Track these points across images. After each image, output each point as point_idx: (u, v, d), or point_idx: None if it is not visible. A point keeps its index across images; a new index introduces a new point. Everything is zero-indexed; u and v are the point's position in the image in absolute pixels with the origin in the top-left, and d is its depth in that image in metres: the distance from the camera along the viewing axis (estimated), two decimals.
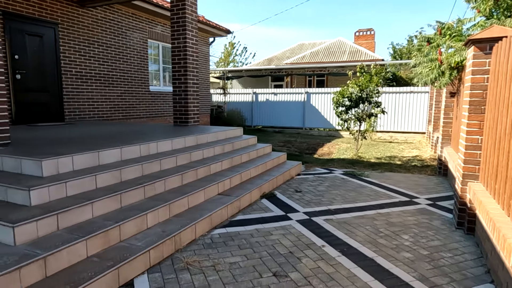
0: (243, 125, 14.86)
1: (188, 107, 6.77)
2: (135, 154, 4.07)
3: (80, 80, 7.90)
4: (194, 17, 6.69)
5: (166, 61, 10.80)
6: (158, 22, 10.15)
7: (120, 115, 9.06)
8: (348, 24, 68.30)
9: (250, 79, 22.03)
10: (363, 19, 67.26)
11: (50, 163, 3.10)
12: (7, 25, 6.37)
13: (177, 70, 6.74)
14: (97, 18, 8.19)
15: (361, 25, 66.16)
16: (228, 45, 33.43)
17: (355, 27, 63.24)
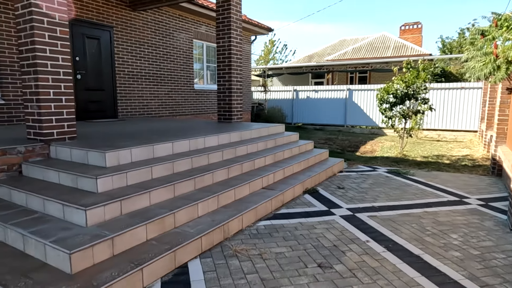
0: (283, 122, 14.92)
1: (232, 104, 6.99)
2: (185, 148, 4.32)
3: (132, 79, 8.42)
4: (238, 16, 6.88)
5: (209, 60, 11.16)
6: (203, 23, 10.51)
7: (167, 112, 9.53)
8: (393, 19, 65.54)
9: (290, 76, 22.00)
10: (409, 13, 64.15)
11: (112, 155, 3.41)
12: (70, 30, 6.96)
13: (221, 69, 6.97)
14: (147, 21, 8.68)
15: (407, 19, 63.16)
16: (268, 43, 33.52)
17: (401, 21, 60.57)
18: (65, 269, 2.24)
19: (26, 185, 3.24)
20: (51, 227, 2.59)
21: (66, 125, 3.99)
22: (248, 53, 12.85)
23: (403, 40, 23.80)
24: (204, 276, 2.51)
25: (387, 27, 67.72)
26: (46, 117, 3.79)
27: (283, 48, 35.98)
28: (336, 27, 70.11)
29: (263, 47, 34.48)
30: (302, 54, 30.79)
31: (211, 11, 9.72)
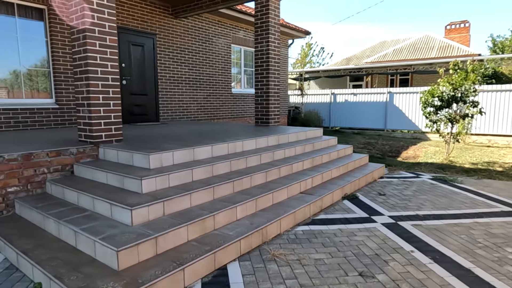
0: (320, 126, 14.70)
1: (269, 108, 7.00)
2: (224, 151, 4.39)
3: (173, 84, 8.72)
4: (277, 21, 6.90)
5: (247, 64, 11.28)
6: (241, 28, 10.66)
7: (206, 115, 9.75)
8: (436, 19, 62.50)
9: (327, 79, 21.68)
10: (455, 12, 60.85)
11: (156, 157, 3.54)
12: (117, 38, 7.35)
13: (259, 73, 7.02)
14: (188, 27, 8.96)
15: (452, 19, 59.96)
16: (305, 46, 33.29)
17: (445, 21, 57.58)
18: (112, 266, 2.35)
19: (77, 184, 3.45)
20: (100, 224, 2.74)
21: (113, 128, 4.21)
22: (285, 57, 12.84)
23: (448, 40, 22.61)
24: (243, 279, 2.52)
25: (430, 28, 64.70)
26: (96, 121, 4.02)
27: (320, 51, 35.39)
28: (375, 28, 68.17)
29: (300, 50, 34.35)
30: (339, 57, 30.24)
31: (250, 16, 9.84)
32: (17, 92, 6.15)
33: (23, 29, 6.13)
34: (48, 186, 3.62)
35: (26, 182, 3.51)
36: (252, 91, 11.34)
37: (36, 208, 3.16)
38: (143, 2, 7.85)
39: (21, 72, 6.18)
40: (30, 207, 3.20)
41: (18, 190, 3.45)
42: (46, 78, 6.49)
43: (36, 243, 2.76)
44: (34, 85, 6.38)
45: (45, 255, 2.55)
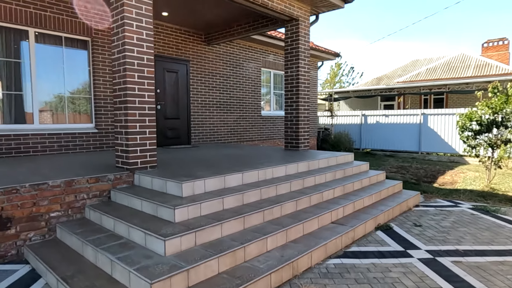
0: (350, 148, 14.46)
1: (299, 132, 7.00)
2: (254, 179, 4.41)
3: (204, 108, 8.97)
4: (306, 46, 6.99)
5: (276, 87, 11.42)
6: (271, 52, 10.87)
7: (236, 138, 9.89)
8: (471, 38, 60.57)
9: (357, 100, 21.42)
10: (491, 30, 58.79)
11: (188, 185, 3.62)
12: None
13: (289, 97, 7.08)
14: (219, 53, 9.26)
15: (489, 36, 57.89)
16: (334, 65, 33.26)
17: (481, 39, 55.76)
18: None
19: (114, 211, 3.59)
20: (135, 254, 2.81)
21: (148, 155, 4.37)
22: (314, 79, 12.88)
23: (486, 58, 21.78)
24: None
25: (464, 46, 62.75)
26: (132, 148, 4.20)
27: (350, 70, 35.22)
28: (405, 45, 67.02)
29: (329, 70, 34.29)
30: (369, 76, 29.87)
31: (279, 40, 10.03)
32: (60, 117, 6.56)
33: (68, 58, 6.60)
34: (87, 212, 3.79)
35: (67, 207, 3.69)
36: (281, 113, 11.42)
37: (75, 234, 3.30)
38: (178, 31, 8.24)
39: (65, 97, 6.61)
40: (70, 233, 3.35)
41: (60, 215, 3.64)
42: (87, 103, 6.90)
43: (76, 270, 2.88)
44: (77, 109, 6.79)
45: (83, 283, 2.64)
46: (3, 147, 5.67)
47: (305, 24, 6.92)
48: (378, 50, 67.74)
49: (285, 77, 7.15)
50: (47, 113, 6.43)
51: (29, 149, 5.96)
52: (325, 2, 6.66)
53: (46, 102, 6.40)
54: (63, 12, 6.30)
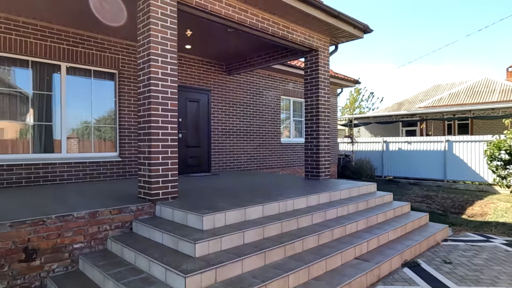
0: (372, 175, 14.15)
1: (319, 160, 6.94)
2: (275, 211, 4.36)
3: (224, 136, 9.08)
4: (326, 76, 7.04)
5: (295, 114, 11.47)
6: (290, 80, 11.02)
7: (255, 165, 9.88)
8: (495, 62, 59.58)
9: (378, 125, 21.14)
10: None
11: (209, 218, 3.61)
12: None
13: (309, 126, 7.07)
14: (240, 82, 9.46)
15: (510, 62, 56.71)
16: (353, 91, 33.27)
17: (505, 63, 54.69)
18: None
19: (135, 243, 3.60)
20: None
21: (170, 186, 4.42)
22: (334, 106, 12.87)
23: (511, 82, 21.22)
24: None
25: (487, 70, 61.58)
26: (155, 179, 4.26)
27: (370, 95, 35.07)
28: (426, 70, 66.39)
29: (348, 95, 34.28)
30: (390, 102, 29.59)
31: (299, 69, 10.17)
32: (86, 144, 6.79)
33: (96, 89, 6.91)
34: (109, 243, 3.82)
35: (90, 238, 3.74)
36: (301, 140, 11.39)
37: (97, 266, 3.32)
38: (200, 62, 8.52)
39: (92, 126, 6.86)
40: (92, 265, 3.37)
41: (82, 246, 3.68)
42: (112, 131, 7.13)
43: None
44: (102, 136, 7.02)
45: None
46: (32, 176, 5.89)
47: (325, 55, 7.01)
48: (398, 74, 67.33)
49: (305, 105, 7.19)
50: (74, 140, 6.67)
51: (56, 178, 6.16)
52: (345, 33, 6.75)
53: (73, 129, 6.65)
54: (93, 47, 6.66)
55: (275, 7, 5.59)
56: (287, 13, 5.85)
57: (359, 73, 66.55)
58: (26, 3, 5.29)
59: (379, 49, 65.57)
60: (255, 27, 5.63)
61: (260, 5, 5.49)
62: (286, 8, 5.59)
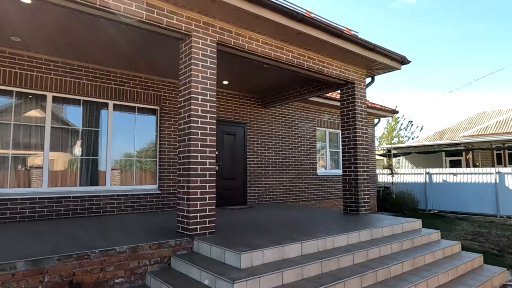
0: (415, 209, 13.39)
1: (358, 195, 6.70)
2: (313, 249, 4.21)
3: (260, 168, 9.09)
4: (363, 108, 6.94)
5: (332, 146, 11.31)
6: (325, 111, 10.98)
7: (291, 198, 9.73)
8: None
9: (419, 155, 20.26)
10: None
11: (247, 256, 3.55)
12: None
13: (347, 159, 6.92)
14: (275, 115, 9.57)
15: None
16: (391, 119, 32.41)
17: None
18: None
19: (173, 279, 3.60)
20: None
21: (208, 221, 4.44)
22: (371, 136, 12.57)
23: None
24: None
25: None
26: (193, 214, 4.31)
27: (408, 124, 33.95)
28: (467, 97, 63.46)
29: (386, 124, 33.44)
30: (431, 130, 28.40)
31: (334, 100, 10.15)
32: (128, 176, 7.07)
33: (139, 124, 7.29)
34: (148, 278, 3.85)
35: (130, 273, 3.79)
36: (338, 172, 11.14)
37: None
38: (236, 97, 8.77)
39: (134, 160, 7.17)
40: None
41: (123, 281, 3.74)
42: (152, 164, 7.39)
43: None
44: (143, 168, 7.29)
45: None
46: (78, 208, 6.19)
47: (361, 87, 6.96)
48: (437, 102, 64.92)
49: (342, 137, 7.08)
50: (116, 172, 6.98)
51: (100, 209, 6.42)
52: (381, 65, 6.70)
53: (116, 161, 6.97)
54: (138, 86, 7.11)
55: (310, 43, 5.70)
56: (322, 48, 5.94)
57: (396, 101, 64.94)
58: (83, 49, 5.81)
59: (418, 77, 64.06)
60: (291, 63, 5.75)
61: (296, 42, 5.63)
62: (321, 43, 5.68)
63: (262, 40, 5.32)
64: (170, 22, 4.36)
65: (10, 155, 5.84)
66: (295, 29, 5.12)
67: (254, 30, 5.16)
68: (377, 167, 15.51)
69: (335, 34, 5.59)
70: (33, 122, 6.11)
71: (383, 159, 20.42)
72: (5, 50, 5.72)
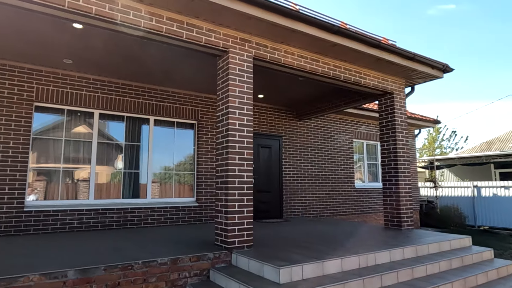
0: (462, 224, 12.57)
1: (400, 209, 6.41)
2: (354, 265, 4.06)
3: (296, 181, 9.01)
4: (403, 119, 6.71)
5: (370, 158, 10.98)
6: (363, 123, 10.73)
7: (328, 212, 9.52)
8: None
9: (464, 167, 19.08)
10: None
11: (286, 271, 3.50)
12: None
13: (387, 172, 6.68)
14: (310, 127, 9.50)
15: None
16: (432, 130, 30.98)
17: None
18: None
19: None
20: None
21: (245, 234, 4.45)
22: (412, 148, 12.07)
23: None
24: None
25: None
26: (231, 227, 4.34)
27: (452, 134, 32.22)
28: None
29: (427, 135, 32.01)
30: (477, 141, 26.75)
31: (371, 111, 9.90)
32: (167, 189, 7.28)
33: (178, 138, 7.53)
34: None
35: (171, 285, 3.86)
36: (376, 185, 10.77)
37: None
38: (271, 110, 8.82)
39: (173, 173, 7.39)
40: None
41: None
42: (190, 178, 7.57)
43: None
44: (181, 181, 7.48)
45: None
46: (121, 219, 6.45)
47: (400, 97, 6.75)
48: (484, 111, 61.13)
49: (381, 149, 6.86)
50: (156, 185, 7.21)
51: (141, 221, 6.64)
52: (422, 74, 6.47)
53: (155, 174, 7.21)
54: (177, 102, 7.38)
55: (346, 55, 5.65)
56: (358, 59, 5.85)
57: (437, 111, 62.06)
58: (126, 69, 6.16)
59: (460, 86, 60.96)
60: (327, 75, 5.71)
61: (331, 54, 5.60)
62: (358, 54, 5.61)
63: (298, 53, 5.35)
64: (209, 39, 4.52)
65: (61, 169, 6.24)
66: (331, 41, 5.10)
67: (290, 44, 5.20)
68: (418, 180, 14.81)
69: (372, 45, 5.50)
70: (81, 137, 6.51)
71: (425, 171, 19.46)
72: (59, 71, 6.19)
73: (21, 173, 5.72)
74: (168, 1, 4.06)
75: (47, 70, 6.10)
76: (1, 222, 5.50)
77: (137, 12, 4.05)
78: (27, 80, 5.92)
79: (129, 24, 4.00)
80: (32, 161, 6.00)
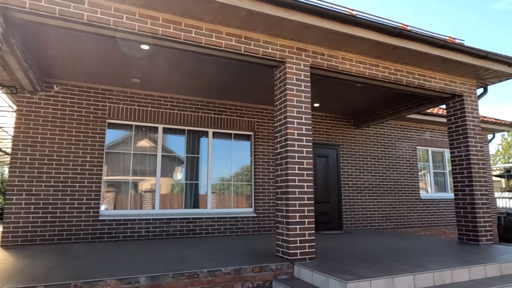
0: None
1: (477, 222, 5.82)
2: (428, 282, 3.75)
3: (355, 191, 8.66)
4: (476, 123, 6.15)
5: (436, 166, 10.21)
6: (426, 129, 10.05)
7: (391, 224, 8.98)
8: None
9: None
10: None
11: (353, 286, 3.34)
12: None
13: (459, 181, 6.13)
14: (369, 135, 9.11)
15: None
16: (507, 134, 28.04)
17: None
18: None
19: None
20: None
21: (307, 246, 4.35)
22: (486, 154, 10.99)
23: None
24: None
25: None
26: (293, 238, 4.27)
27: None
28: None
29: (501, 140, 29.07)
30: None
31: (436, 116, 9.24)
32: (226, 200, 7.43)
33: (235, 149, 7.68)
34: None
35: None
36: (444, 195, 9.95)
37: None
38: (328, 118, 8.65)
39: (232, 184, 7.53)
40: None
41: None
42: (247, 189, 7.65)
43: None
44: (239, 192, 7.59)
45: None
46: (184, 229, 6.70)
47: (471, 99, 6.20)
48: None
49: (451, 157, 6.34)
50: (214, 195, 7.40)
51: (202, 231, 6.84)
52: (496, 73, 5.90)
53: (212, 185, 7.39)
54: (234, 114, 7.56)
55: (409, 57, 5.36)
56: (422, 62, 5.52)
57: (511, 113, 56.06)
58: (187, 84, 6.49)
59: None
60: (388, 79, 5.46)
61: (392, 57, 5.35)
62: (421, 56, 5.29)
63: (356, 59, 5.20)
64: (266, 51, 4.58)
65: (130, 180, 6.70)
66: (392, 44, 4.88)
67: (347, 50, 5.08)
68: (494, 190, 13.39)
69: (438, 45, 5.16)
70: (147, 151, 6.94)
71: (501, 180, 17.55)
72: (127, 90, 6.71)
73: (97, 184, 6.24)
74: (227, 18, 4.21)
75: (118, 90, 6.64)
76: (80, 230, 6.02)
77: (198, 30, 4.25)
78: (101, 99, 6.50)
79: (191, 42, 4.21)
80: (104, 174, 6.52)
